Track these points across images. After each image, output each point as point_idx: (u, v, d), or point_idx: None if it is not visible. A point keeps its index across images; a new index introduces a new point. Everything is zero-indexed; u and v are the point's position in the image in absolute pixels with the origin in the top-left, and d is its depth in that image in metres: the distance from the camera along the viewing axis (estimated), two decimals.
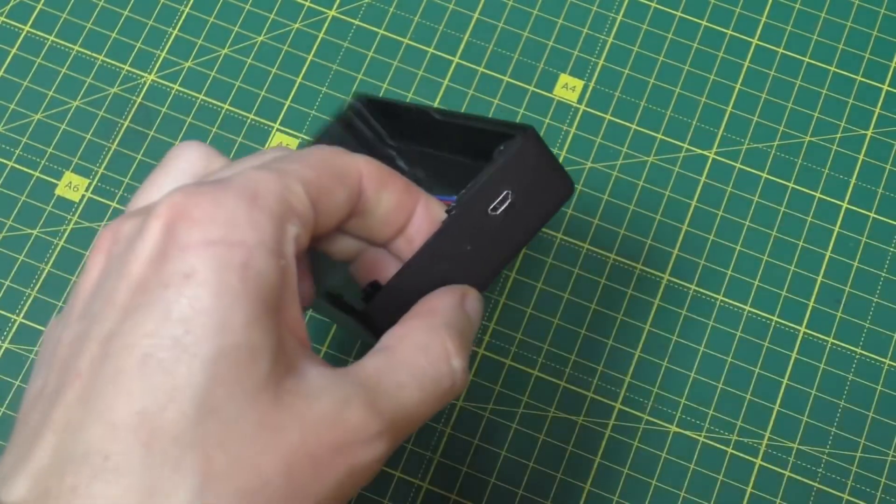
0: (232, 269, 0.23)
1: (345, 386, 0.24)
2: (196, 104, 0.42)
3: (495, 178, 0.28)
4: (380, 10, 0.43)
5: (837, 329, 0.39)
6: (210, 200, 0.23)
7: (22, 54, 0.43)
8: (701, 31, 0.43)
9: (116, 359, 0.22)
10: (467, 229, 0.28)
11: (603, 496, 0.38)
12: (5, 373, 0.39)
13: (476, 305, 0.28)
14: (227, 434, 0.22)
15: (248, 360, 0.23)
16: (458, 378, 0.26)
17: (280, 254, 0.24)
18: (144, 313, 0.23)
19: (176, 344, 0.22)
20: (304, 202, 0.25)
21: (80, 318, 0.24)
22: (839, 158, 0.41)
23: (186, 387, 0.22)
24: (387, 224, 0.28)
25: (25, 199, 0.41)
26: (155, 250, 0.23)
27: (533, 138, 0.28)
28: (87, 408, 0.22)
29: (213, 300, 0.22)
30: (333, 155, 0.27)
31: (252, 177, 0.24)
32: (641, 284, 0.40)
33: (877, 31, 0.43)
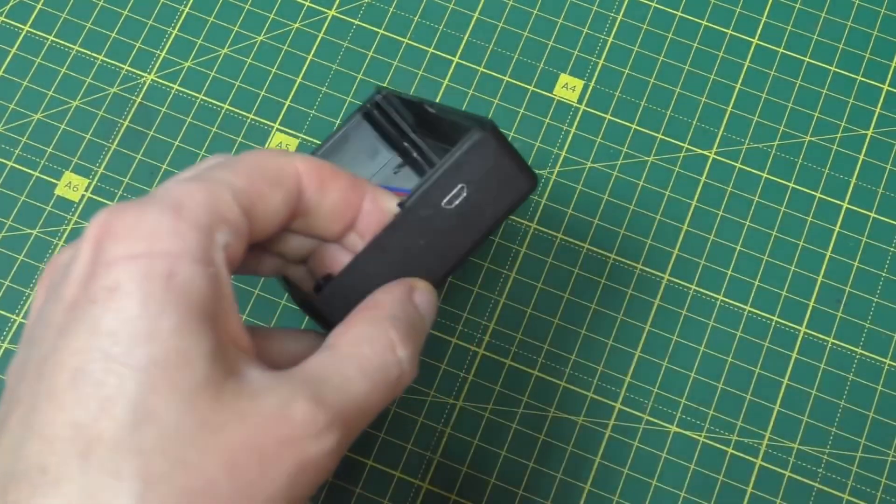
0: (156, 279, 0.23)
1: (288, 383, 0.24)
2: (196, 104, 0.42)
3: (449, 172, 0.28)
4: (380, 10, 0.43)
5: (837, 329, 0.39)
6: (133, 215, 0.24)
7: (22, 54, 0.43)
8: (701, 31, 0.43)
9: (50, 377, 0.23)
10: (420, 223, 0.28)
11: (603, 496, 0.38)
12: (5, 373, 0.39)
13: (426, 298, 0.28)
14: (165, 437, 0.22)
15: (182, 365, 0.23)
16: (405, 367, 0.27)
17: (208, 262, 0.24)
18: (74, 331, 0.23)
19: (105, 356, 0.22)
20: (233, 209, 0.25)
21: (24, 346, 0.25)
22: (839, 158, 0.41)
23: (118, 396, 0.22)
24: (333, 221, 0.28)
25: (25, 199, 0.41)
26: (84, 270, 0.24)
27: (491, 132, 0.28)
28: (26, 427, 0.23)
29: (139, 310, 0.23)
30: (267, 158, 0.27)
31: (176, 189, 0.25)
32: (641, 284, 0.40)
33: (877, 31, 0.43)
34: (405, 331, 0.27)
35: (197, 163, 0.28)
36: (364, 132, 0.36)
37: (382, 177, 0.37)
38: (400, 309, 0.27)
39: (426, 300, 0.28)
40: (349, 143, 0.36)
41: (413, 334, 0.27)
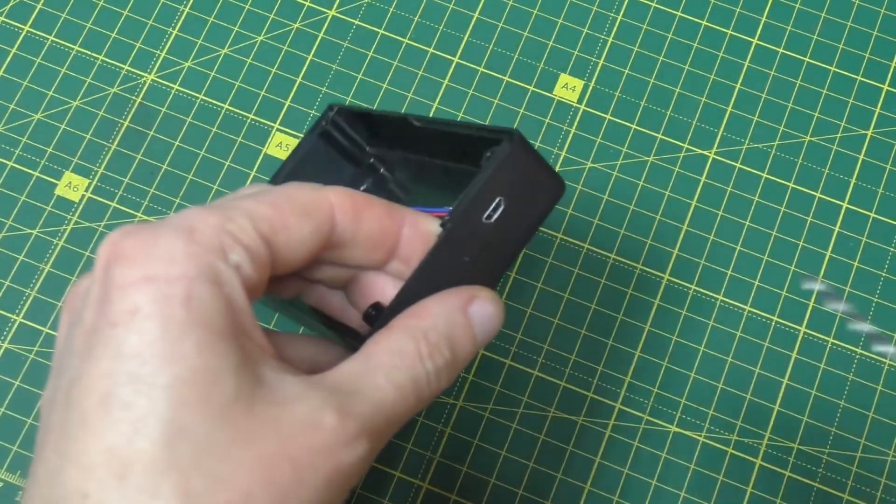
0: (175, 301, 0.23)
1: (319, 391, 0.25)
2: (196, 104, 0.42)
3: (486, 187, 0.28)
4: (380, 10, 0.43)
5: (837, 329, 0.39)
6: (146, 239, 0.24)
7: (22, 54, 0.43)
8: (701, 31, 0.43)
9: (79, 403, 0.23)
10: (463, 241, 0.28)
11: (603, 496, 0.38)
12: (5, 373, 0.39)
13: (484, 308, 0.28)
14: (200, 453, 0.23)
15: (209, 381, 0.23)
16: (432, 379, 0.27)
17: (222, 283, 0.24)
18: (98, 354, 0.23)
19: (132, 378, 0.23)
20: (248, 234, 0.25)
21: (53, 375, 0.25)
22: (839, 158, 0.41)
23: (149, 415, 0.22)
24: (372, 250, 0.28)
25: (25, 198, 0.41)
26: (100, 294, 0.24)
27: (519, 142, 0.28)
28: (62, 456, 0.23)
29: (162, 332, 0.23)
30: (298, 190, 0.27)
31: (189, 214, 0.25)
32: (641, 284, 0.40)
33: (877, 31, 0.43)
34: (440, 342, 0.27)
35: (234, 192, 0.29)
36: (322, 152, 0.36)
37: None
38: (443, 320, 0.27)
39: (484, 310, 0.28)
40: (308, 165, 0.36)
41: (450, 346, 0.27)
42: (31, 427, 0.38)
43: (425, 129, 0.32)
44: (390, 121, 0.34)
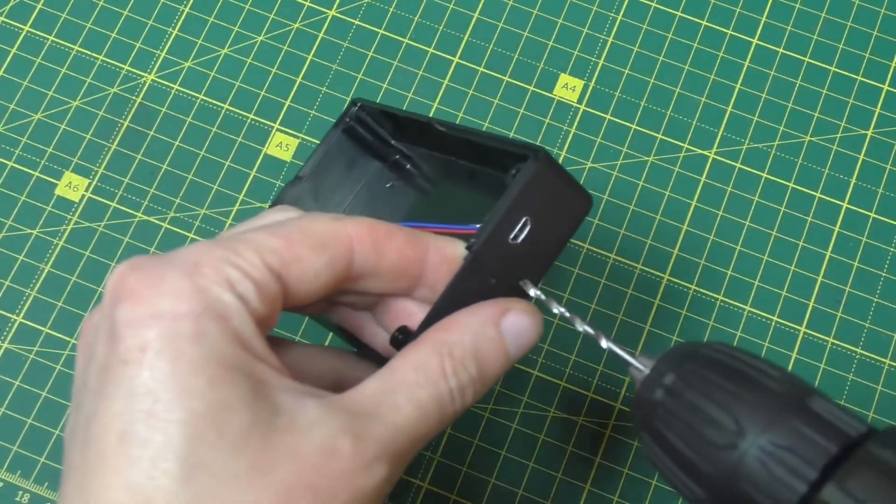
0: (184, 337, 0.24)
1: (336, 416, 0.25)
2: (196, 104, 0.42)
3: (512, 208, 0.27)
4: (380, 10, 0.43)
5: (837, 329, 0.39)
6: (152, 275, 0.24)
7: (22, 54, 0.43)
8: (701, 31, 0.43)
9: (98, 442, 0.23)
10: (489, 263, 0.28)
11: (603, 496, 0.38)
12: (5, 373, 0.39)
13: (518, 321, 0.28)
14: (219, 486, 0.23)
15: (224, 414, 0.23)
16: (456, 397, 0.27)
17: (229, 317, 0.24)
18: (112, 392, 0.24)
19: (147, 415, 0.23)
20: (257, 267, 0.25)
21: (72, 409, 0.26)
22: (839, 158, 0.41)
23: (167, 451, 0.23)
24: (397, 280, 0.28)
25: (25, 199, 0.41)
26: (109, 329, 0.24)
27: (545, 162, 0.28)
28: (84, 494, 0.23)
29: (173, 368, 0.23)
30: (315, 222, 0.27)
31: (195, 249, 0.25)
32: (641, 284, 0.40)
33: (877, 31, 0.43)
34: (465, 358, 0.27)
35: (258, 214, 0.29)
36: (347, 148, 0.36)
37: (373, 192, 0.36)
38: (470, 334, 0.27)
39: (518, 323, 0.28)
40: (333, 162, 0.36)
41: (476, 361, 0.27)
42: (31, 427, 0.38)
43: (449, 135, 0.32)
44: (415, 122, 0.34)
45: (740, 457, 0.25)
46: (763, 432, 0.25)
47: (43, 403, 0.38)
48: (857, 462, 0.24)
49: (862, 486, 0.23)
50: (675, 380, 0.27)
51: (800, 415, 0.25)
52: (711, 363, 0.27)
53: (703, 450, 0.26)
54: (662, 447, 0.27)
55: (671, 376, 0.27)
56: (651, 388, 0.27)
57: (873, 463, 0.24)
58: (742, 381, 0.26)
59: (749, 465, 0.25)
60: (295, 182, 0.36)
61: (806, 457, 0.24)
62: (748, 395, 0.26)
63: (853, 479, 0.24)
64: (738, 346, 0.30)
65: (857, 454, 0.24)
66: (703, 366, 0.27)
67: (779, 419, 0.25)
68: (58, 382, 0.38)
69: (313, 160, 0.35)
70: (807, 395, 0.26)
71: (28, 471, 0.37)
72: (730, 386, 0.26)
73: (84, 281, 0.40)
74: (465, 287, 0.28)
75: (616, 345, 0.29)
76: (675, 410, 0.27)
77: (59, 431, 0.38)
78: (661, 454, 0.27)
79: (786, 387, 0.26)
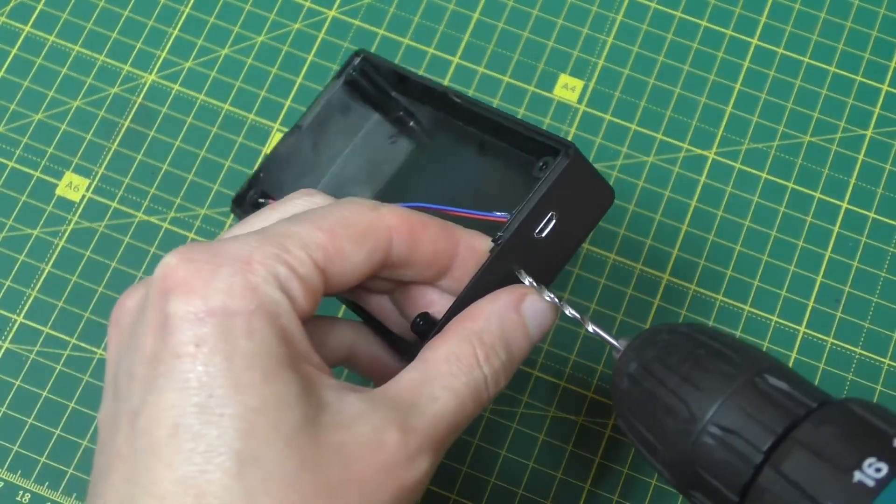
0: (237, 334, 0.24)
1: (379, 409, 0.25)
2: (196, 104, 0.42)
3: (541, 203, 0.28)
4: (380, 10, 0.43)
5: (837, 329, 0.39)
6: (205, 269, 0.24)
7: (22, 54, 0.43)
8: (701, 31, 0.43)
9: (148, 434, 0.23)
10: (515, 256, 0.28)
11: (603, 496, 0.38)
12: (5, 373, 0.39)
13: (536, 306, 0.28)
14: (271, 481, 0.23)
15: (277, 410, 0.23)
16: (489, 382, 0.27)
17: (279, 314, 0.25)
18: (164, 385, 0.24)
19: (202, 409, 0.23)
20: (304, 264, 0.25)
21: (110, 395, 0.26)
22: (839, 158, 0.41)
23: (220, 445, 0.23)
24: (428, 269, 0.28)
25: (25, 199, 0.41)
26: (159, 321, 0.24)
27: (576, 158, 0.28)
28: (134, 485, 0.23)
29: (227, 364, 0.23)
30: (357, 212, 0.27)
31: (245, 243, 0.25)
32: (641, 284, 0.40)
33: (877, 31, 0.43)
34: (495, 344, 0.27)
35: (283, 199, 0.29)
36: (347, 99, 0.36)
37: (373, 143, 0.36)
38: (496, 321, 0.28)
39: (536, 306, 0.28)
40: (333, 112, 0.36)
41: (505, 346, 0.28)
42: (31, 427, 0.38)
43: (464, 108, 0.32)
44: (426, 88, 0.34)
45: (694, 442, 0.25)
46: (713, 416, 0.25)
47: (43, 403, 0.38)
48: (793, 443, 0.24)
49: (795, 467, 0.23)
50: (636, 367, 0.27)
51: (748, 396, 0.25)
52: (669, 348, 0.27)
53: (664, 436, 0.26)
54: (633, 434, 0.28)
55: (633, 364, 0.27)
56: (619, 377, 0.28)
57: (807, 442, 0.24)
58: (695, 366, 0.26)
59: (702, 449, 0.25)
60: (294, 131, 0.36)
61: (752, 440, 0.24)
62: (700, 379, 0.26)
63: (788, 461, 0.24)
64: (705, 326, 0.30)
65: (793, 434, 0.24)
66: (661, 351, 0.27)
67: (727, 402, 0.25)
68: (58, 382, 0.39)
69: (313, 111, 0.35)
70: (758, 375, 0.26)
71: (28, 471, 0.38)
72: (683, 371, 0.26)
73: (84, 281, 0.40)
74: (490, 277, 0.28)
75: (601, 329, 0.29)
76: (637, 398, 0.27)
77: (59, 431, 0.38)
78: (634, 441, 0.28)
79: (738, 367, 0.26)
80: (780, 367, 0.26)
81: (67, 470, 0.37)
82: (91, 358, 0.39)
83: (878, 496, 0.22)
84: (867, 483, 0.22)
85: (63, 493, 0.37)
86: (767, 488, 0.24)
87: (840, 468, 0.22)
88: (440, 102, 0.33)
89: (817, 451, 0.23)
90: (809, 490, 0.23)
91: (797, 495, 0.23)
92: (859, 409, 0.24)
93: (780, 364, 0.27)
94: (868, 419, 0.24)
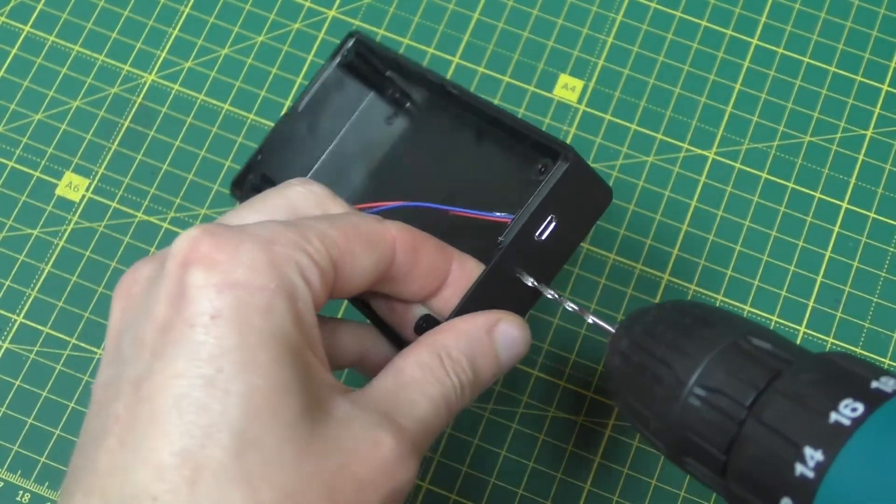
0: (255, 311, 0.23)
1: (368, 411, 0.25)
2: (196, 104, 0.42)
3: (541, 207, 0.28)
4: (380, 10, 0.43)
5: (837, 329, 0.39)
6: (229, 243, 0.24)
7: (22, 54, 0.43)
8: (701, 31, 0.43)
9: (151, 401, 0.23)
10: (517, 259, 0.29)
11: (603, 496, 0.38)
12: (5, 373, 0.39)
13: (508, 331, 0.29)
14: (269, 465, 0.23)
15: (282, 394, 0.23)
16: (458, 394, 0.27)
17: (297, 298, 0.24)
18: (173, 354, 0.23)
19: (208, 382, 0.23)
20: (322, 256, 0.25)
21: (112, 360, 0.25)
22: (839, 158, 0.41)
23: (223, 423, 0.23)
24: (423, 285, 0.29)
25: (25, 199, 0.41)
26: (177, 290, 0.24)
27: (574, 162, 0.28)
28: (130, 451, 0.23)
29: (240, 339, 0.23)
30: (366, 221, 0.27)
31: (268, 226, 0.25)
32: (641, 284, 0.40)
33: (877, 31, 0.43)
34: (461, 360, 0.28)
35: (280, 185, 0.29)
36: (343, 80, 0.36)
37: (369, 123, 0.36)
38: (465, 339, 0.28)
39: (508, 333, 0.29)
40: (328, 94, 0.36)
41: (472, 364, 0.28)
42: (31, 427, 0.38)
43: (461, 99, 0.32)
44: (423, 78, 0.34)
45: (682, 407, 0.26)
46: (698, 379, 0.25)
47: (43, 403, 0.38)
48: (773, 393, 0.24)
49: (775, 415, 0.24)
50: (628, 344, 0.28)
51: (731, 356, 0.25)
52: (656, 321, 0.28)
53: (654, 406, 0.27)
54: (626, 409, 0.28)
55: (625, 341, 0.28)
56: (611, 356, 0.28)
57: (786, 391, 0.24)
58: (680, 334, 0.27)
59: (690, 413, 0.25)
60: (290, 114, 0.36)
61: (735, 396, 0.25)
62: (685, 345, 0.26)
63: (768, 410, 0.24)
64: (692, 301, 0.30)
65: (773, 385, 0.24)
66: (649, 324, 0.28)
67: (711, 363, 0.25)
68: (58, 382, 0.39)
69: (308, 95, 0.36)
70: (741, 336, 0.26)
71: (28, 471, 0.38)
72: (669, 339, 0.27)
73: (84, 281, 0.40)
74: (495, 280, 0.29)
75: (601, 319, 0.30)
76: (629, 373, 0.28)
77: (59, 431, 0.38)
78: (628, 417, 0.28)
79: (721, 332, 0.26)
80: (763, 329, 0.27)
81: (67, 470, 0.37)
82: (91, 358, 0.39)
83: (853, 434, 0.22)
84: (843, 422, 0.22)
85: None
86: (750, 438, 0.24)
87: (817, 411, 0.23)
88: (437, 91, 0.34)
89: (796, 398, 0.23)
90: (789, 434, 0.23)
91: (777, 441, 0.23)
92: (839, 359, 0.25)
93: (763, 327, 0.27)
94: (846, 366, 0.24)
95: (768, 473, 0.23)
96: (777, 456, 0.23)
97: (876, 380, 0.23)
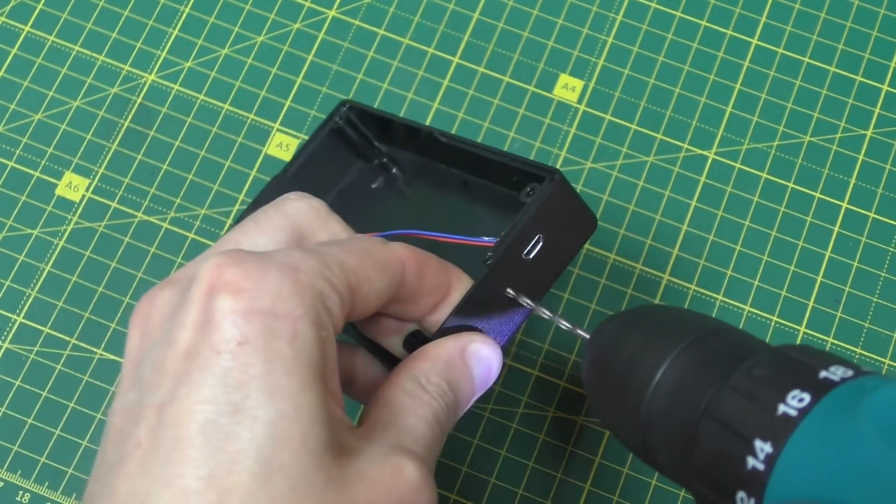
0: (282, 338, 0.23)
1: (380, 443, 0.25)
2: (196, 104, 0.42)
3: (529, 226, 0.29)
4: (380, 10, 0.43)
5: (837, 329, 0.39)
6: (255, 270, 0.24)
7: (22, 54, 0.43)
8: (701, 31, 0.43)
9: (175, 427, 0.23)
10: (504, 276, 0.29)
11: (603, 496, 0.38)
12: (5, 373, 0.39)
13: (481, 353, 0.29)
14: (296, 493, 0.23)
15: (309, 422, 0.23)
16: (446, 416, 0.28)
17: (321, 326, 0.24)
18: (199, 380, 0.23)
19: (236, 409, 0.23)
20: (342, 283, 0.26)
21: (131, 387, 0.25)
22: (839, 158, 0.41)
23: (250, 449, 0.22)
24: (427, 305, 0.29)
25: (25, 199, 0.41)
26: (202, 317, 0.24)
27: (560, 183, 0.29)
28: (152, 476, 0.23)
29: (267, 366, 0.23)
30: (374, 245, 0.27)
31: (293, 254, 0.25)
32: (641, 284, 0.40)
33: (877, 31, 0.43)
34: (440, 383, 0.28)
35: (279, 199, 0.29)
36: (333, 147, 0.37)
37: (357, 191, 0.37)
38: (442, 362, 0.28)
39: (479, 355, 0.29)
40: (319, 160, 0.36)
41: (450, 387, 0.28)
42: (31, 427, 0.38)
43: (450, 146, 0.33)
44: (409, 129, 0.35)
45: (647, 411, 0.26)
46: (658, 382, 0.26)
47: (43, 403, 0.38)
48: (727, 390, 0.24)
49: (727, 411, 0.24)
50: (596, 357, 0.29)
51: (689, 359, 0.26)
52: (620, 331, 0.28)
53: (622, 415, 0.27)
54: (604, 420, 0.28)
55: (591, 353, 0.29)
56: (586, 372, 0.29)
57: (738, 387, 0.24)
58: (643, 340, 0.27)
59: (654, 416, 0.26)
60: (280, 178, 0.36)
61: (692, 396, 0.25)
62: (647, 350, 0.27)
63: (721, 407, 0.24)
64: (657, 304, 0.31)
65: (727, 382, 0.24)
66: (610, 337, 0.28)
67: (670, 366, 0.26)
68: (58, 382, 0.39)
69: (300, 160, 0.36)
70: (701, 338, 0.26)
71: (28, 471, 0.38)
72: (632, 348, 0.27)
73: (84, 281, 0.40)
74: (481, 297, 0.29)
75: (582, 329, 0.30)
76: (597, 386, 0.28)
77: (59, 431, 0.38)
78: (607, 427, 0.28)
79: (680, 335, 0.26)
80: (728, 328, 0.27)
81: (67, 470, 0.38)
82: (91, 358, 0.39)
83: (800, 424, 0.22)
84: (790, 413, 0.22)
85: (63, 493, 0.37)
86: (705, 436, 0.24)
87: (766, 405, 0.23)
88: (424, 143, 0.34)
89: (747, 394, 0.24)
90: (740, 429, 0.23)
91: (728, 436, 0.23)
92: (793, 351, 0.25)
93: (729, 326, 0.27)
94: (797, 358, 0.24)
95: (723, 469, 0.23)
96: (730, 451, 0.23)
97: (825, 369, 0.23)
